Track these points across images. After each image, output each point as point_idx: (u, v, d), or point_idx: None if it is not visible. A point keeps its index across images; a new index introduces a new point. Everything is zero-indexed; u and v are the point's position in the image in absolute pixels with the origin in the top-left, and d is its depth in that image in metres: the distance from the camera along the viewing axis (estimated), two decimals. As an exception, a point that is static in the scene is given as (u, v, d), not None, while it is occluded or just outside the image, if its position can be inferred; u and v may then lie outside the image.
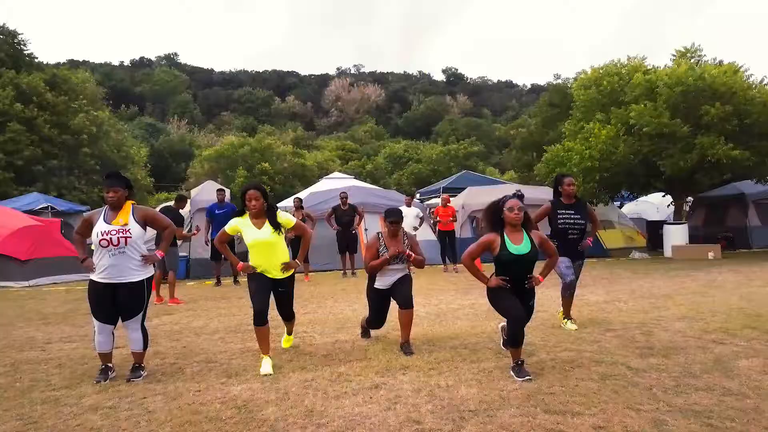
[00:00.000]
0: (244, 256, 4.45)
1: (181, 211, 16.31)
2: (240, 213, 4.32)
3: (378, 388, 3.62)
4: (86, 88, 26.04)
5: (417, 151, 49.63)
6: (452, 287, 8.82)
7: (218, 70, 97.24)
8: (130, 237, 3.90)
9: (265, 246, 4.23)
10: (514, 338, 3.80)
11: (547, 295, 6.87)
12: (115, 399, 3.58)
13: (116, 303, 3.95)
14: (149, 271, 4.09)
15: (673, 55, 14.02)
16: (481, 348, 4.63)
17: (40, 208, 15.56)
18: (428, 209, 19.60)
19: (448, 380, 3.74)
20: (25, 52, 25.93)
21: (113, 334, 4.05)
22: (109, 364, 4.08)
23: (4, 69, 23.23)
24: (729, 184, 15.37)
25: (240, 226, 4.27)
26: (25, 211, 14.29)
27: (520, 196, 4.04)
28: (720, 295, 7.32)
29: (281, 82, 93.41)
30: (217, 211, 9.83)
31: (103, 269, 3.90)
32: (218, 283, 9.94)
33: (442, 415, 3.09)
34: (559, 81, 25.88)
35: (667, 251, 13.36)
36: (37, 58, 26.91)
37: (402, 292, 4.65)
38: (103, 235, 3.86)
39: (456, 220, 11.92)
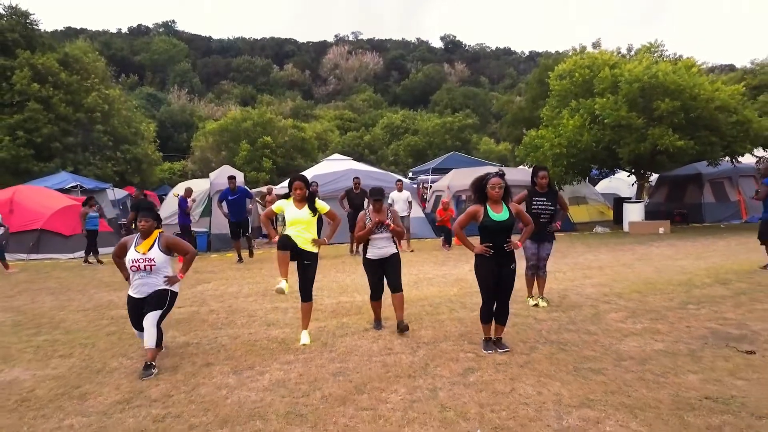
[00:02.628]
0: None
1: (195, 194, 18.05)
2: (286, 196, 5.35)
3: (367, 331, 5.56)
4: (97, 67, 27.34)
5: (414, 122, 51.00)
6: (432, 260, 10.77)
7: (216, 37, 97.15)
8: (154, 265, 4.71)
9: (301, 223, 5.19)
10: (485, 314, 4.76)
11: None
12: (198, 339, 5.51)
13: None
14: (174, 288, 4.87)
15: (638, 50, 15.61)
16: (441, 306, 6.57)
17: (70, 187, 17.24)
18: (420, 184, 21.44)
19: (413, 326, 5.66)
20: (37, 31, 27.08)
21: None
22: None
23: (20, 50, 24.48)
24: (688, 165, 17.21)
25: (284, 206, 5.27)
26: (57, 190, 16.04)
27: (501, 175, 4.71)
28: (641, 266, 9.24)
29: (279, 50, 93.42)
30: (230, 197, 11.46)
31: (136, 287, 4.76)
32: (240, 260, 11.68)
33: (406, 345, 5.03)
34: (549, 60, 27.17)
35: (626, 226, 15.29)
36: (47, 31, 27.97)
37: (392, 276, 5.46)
38: (132, 263, 4.71)
39: (454, 219, 13.66)
